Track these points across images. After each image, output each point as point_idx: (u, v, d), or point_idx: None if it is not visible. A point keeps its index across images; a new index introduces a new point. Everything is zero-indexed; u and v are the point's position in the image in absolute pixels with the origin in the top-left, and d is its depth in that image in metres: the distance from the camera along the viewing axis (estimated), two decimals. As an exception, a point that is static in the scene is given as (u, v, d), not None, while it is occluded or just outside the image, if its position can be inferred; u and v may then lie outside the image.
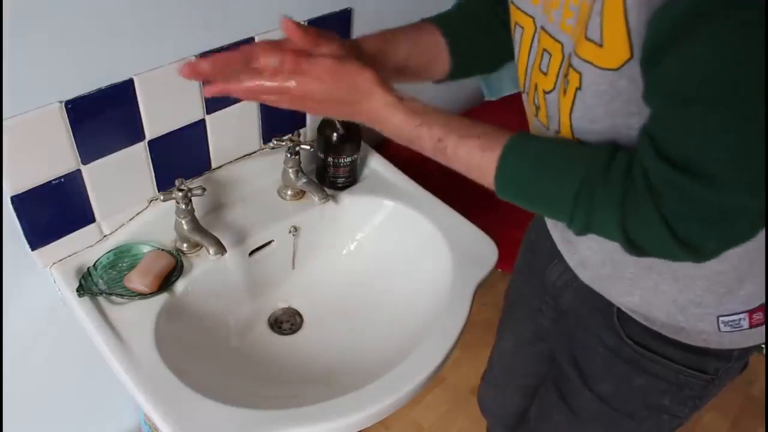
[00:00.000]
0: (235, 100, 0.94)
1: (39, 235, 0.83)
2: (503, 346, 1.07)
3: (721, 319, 0.66)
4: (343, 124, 1.01)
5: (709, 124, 0.46)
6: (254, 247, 0.98)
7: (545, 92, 0.62)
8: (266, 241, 0.99)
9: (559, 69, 0.59)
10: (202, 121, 0.91)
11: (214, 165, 0.99)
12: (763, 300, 0.65)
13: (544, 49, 0.60)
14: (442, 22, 0.74)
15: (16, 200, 0.77)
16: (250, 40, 0.90)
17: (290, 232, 1.01)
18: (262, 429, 0.72)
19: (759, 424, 1.68)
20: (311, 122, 1.08)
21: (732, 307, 0.66)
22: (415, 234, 1.01)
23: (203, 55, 0.85)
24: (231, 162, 1.01)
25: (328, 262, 1.05)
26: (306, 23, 0.96)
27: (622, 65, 0.50)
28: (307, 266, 1.05)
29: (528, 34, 0.64)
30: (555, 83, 0.60)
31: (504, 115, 1.44)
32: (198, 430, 0.71)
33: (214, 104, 0.91)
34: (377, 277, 1.03)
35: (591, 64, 0.52)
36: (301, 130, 1.07)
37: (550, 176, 0.55)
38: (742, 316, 0.66)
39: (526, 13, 0.63)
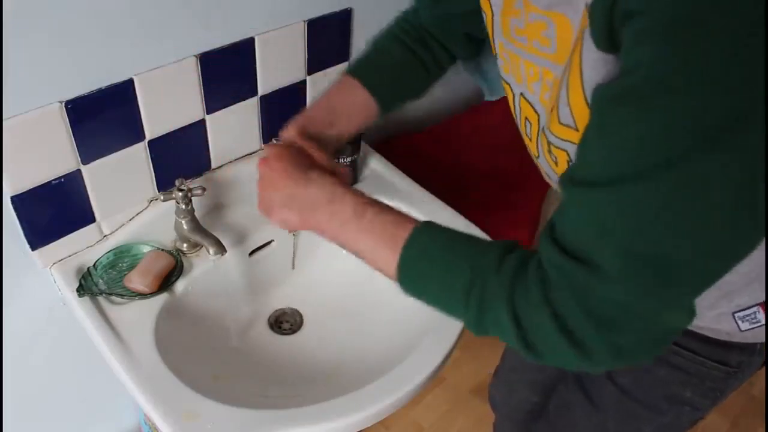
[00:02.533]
0: (235, 100, 0.94)
1: (39, 235, 0.83)
2: None
3: (736, 315, 0.67)
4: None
5: (601, 206, 0.43)
6: (254, 247, 0.98)
7: (535, 157, 0.64)
8: (266, 241, 0.99)
9: (538, 139, 0.61)
10: (202, 121, 0.91)
11: (214, 165, 0.99)
12: None
13: (526, 117, 0.62)
14: (358, 72, 0.79)
15: (16, 200, 0.77)
16: (250, 40, 0.90)
17: (290, 232, 1.01)
18: (262, 429, 0.72)
19: (759, 424, 1.68)
20: (311, 122, 1.08)
21: (742, 302, 0.66)
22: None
23: (203, 55, 0.85)
24: (231, 162, 1.01)
25: (328, 262, 1.05)
26: (306, 23, 0.96)
27: None
28: (307, 266, 1.05)
29: (510, 98, 0.66)
30: (537, 150, 0.62)
31: (504, 115, 1.44)
32: (198, 430, 0.71)
33: (214, 104, 0.91)
34: (377, 277, 1.03)
35: (572, 143, 0.52)
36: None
37: (448, 260, 0.53)
38: (755, 309, 0.66)
39: (503, 79, 0.65)
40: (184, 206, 0.88)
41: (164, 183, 0.92)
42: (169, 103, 0.85)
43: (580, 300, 0.44)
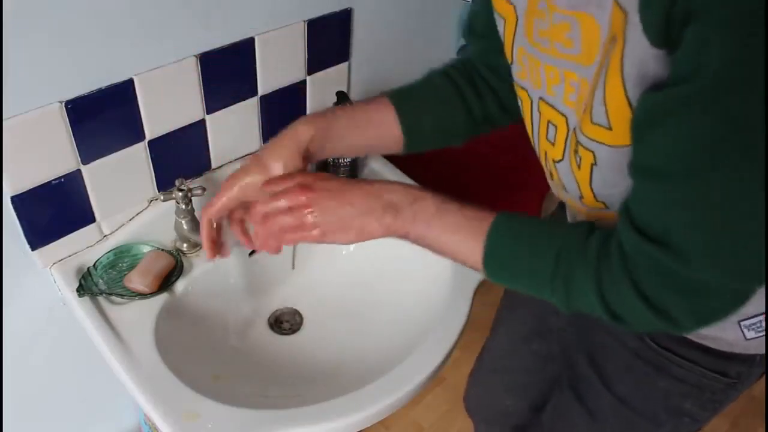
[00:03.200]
0: (235, 100, 0.94)
1: (39, 235, 0.83)
2: (494, 343, 1.07)
3: (742, 324, 0.66)
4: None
5: (683, 199, 0.46)
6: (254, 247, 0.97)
7: (554, 161, 0.64)
8: (266, 241, 0.99)
9: (566, 141, 0.61)
10: (202, 121, 0.92)
11: (214, 165, 0.99)
12: None
13: (549, 121, 0.62)
14: (394, 95, 0.74)
15: (16, 200, 0.77)
16: (250, 40, 0.90)
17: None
18: (262, 429, 0.72)
19: (759, 424, 1.68)
20: (311, 122, 1.08)
21: (748, 311, 0.66)
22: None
23: (203, 55, 0.85)
24: (231, 162, 1.01)
25: (328, 262, 1.05)
26: (306, 23, 0.96)
27: None
28: (307, 266, 1.05)
29: (526, 106, 0.66)
30: (563, 153, 0.62)
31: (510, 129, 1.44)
32: (198, 430, 0.71)
33: (214, 104, 0.91)
34: (377, 277, 1.03)
35: (603, 144, 0.53)
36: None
37: (532, 244, 0.57)
38: (761, 317, 0.66)
39: (520, 86, 0.66)
40: (184, 206, 0.88)
41: (164, 183, 0.92)
42: (169, 103, 0.85)
43: (666, 280, 0.49)
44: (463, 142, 0.78)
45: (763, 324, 0.66)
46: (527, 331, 0.98)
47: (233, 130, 0.97)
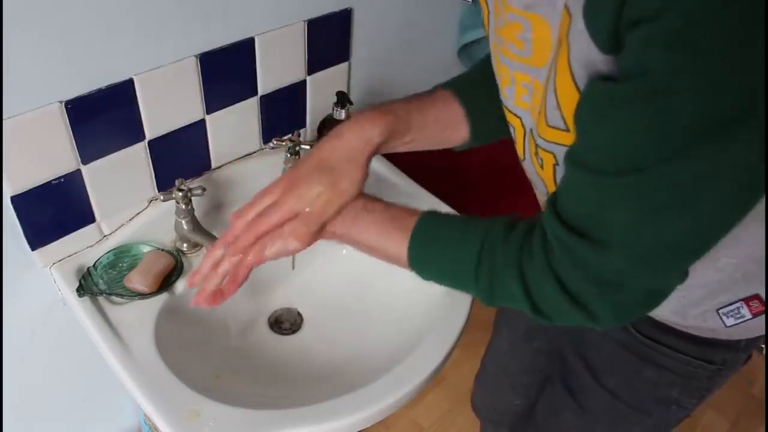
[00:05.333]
0: (235, 100, 0.94)
1: (39, 235, 0.83)
2: (498, 344, 1.07)
3: (721, 311, 0.67)
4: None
5: (613, 193, 0.46)
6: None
7: (520, 160, 0.65)
8: (266, 241, 0.99)
9: (524, 141, 0.61)
10: (202, 121, 0.91)
11: (214, 165, 0.99)
12: (756, 291, 0.66)
13: (508, 122, 0.62)
14: (458, 88, 0.71)
15: (16, 200, 0.77)
16: (250, 40, 0.90)
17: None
18: (262, 429, 0.72)
19: (759, 424, 1.68)
20: (311, 123, 1.08)
21: (725, 299, 0.66)
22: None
23: (203, 55, 0.85)
24: (231, 162, 1.01)
25: (328, 262, 1.05)
26: (306, 23, 0.96)
27: None
28: (307, 266, 1.04)
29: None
30: (524, 153, 0.62)
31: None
32: (198, 430, 0.71)
33: (214, 104, 0.91)
34: (377, 277, 1.03)
35: (562, 145, 0.53)
36: (301, 131, 1.07)
37: (456, 238, 0.57)
38: (739, 304, 0.66)
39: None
40: (184, 206, 0.88)
41: (164, 183, 0.92)
42: (169, 103, 0.85)
43: (582, 270, 0.49)
44: None
45: (741, 310, 0.67)
46: (528, 328, 0.98)
47: (233, 130, 0.97)
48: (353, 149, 0.62)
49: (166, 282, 0.87)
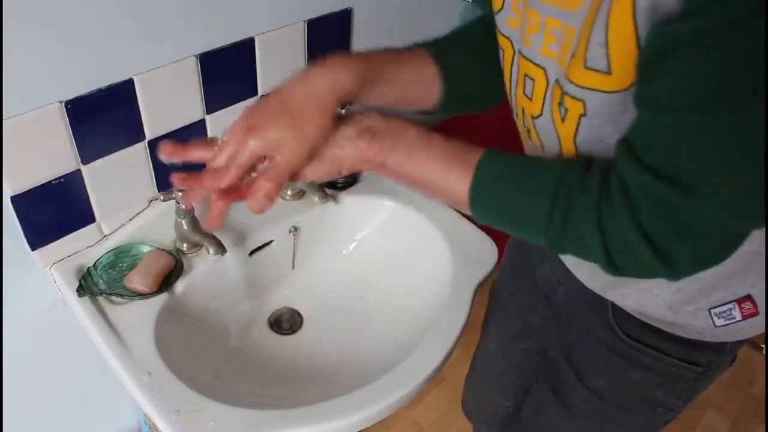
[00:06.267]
0: (235, 100, 0.94)
1: (39, 235, 0.83)
2: (487, 345, 1.07)
3: (713, 311, 0.67)
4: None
5: (695, 133, 0.45)
6: (254, 247, 0.98)
7: (533, 117, 0.61)
8: (266, 241, 0.99)
9: (545, 94, 0.58)
10: (202, 121, 0.91)
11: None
12: (749, 291, 0.65)
13: (526, 75, 0.59)
14: (436, 49, 0.68)
15: (16, 200, 0.77)
16: (250, 40, 0.90)
17: (290, 232, 1.01)
18: (262, 429, 0.72)
19: (759, 424, 1.68)
20: (311, 122, 1.08)
21: (719, 298, 0.66)
22: (415, 234, 1.01)
23: (203, 55, 0.85)
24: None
25: (328, 262, 1.05)
26: (306, 23, 0.96)
27: (632, 84, 0.49)
28: (307, 266, 1.05)
29: (508, 57, 0.62)
30: (542, 108, 0.59)
31: (504, 113, 1.44)
32: (198, 430, 0.71)
33: (214, 104, 0.91)
34: (377, 277, 1.03)
35: (597, 90, 0.51)
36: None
37: (526, 179, 0.53)
38: (731, 305, 0.66)
39: (504, 35, 0.62)
40: (184, 206, 0.88)
41: (164, 183, 0.92)
42: (169, 103, 0.85)
43: (668, 216, 0.47)
44: (489, 108, 0.73)
45: (733, 312, 0.66)
46: (516, 330, 0.98)
47: (233, 130, 0.97)
48: (320, 92, 0.57)
49: (166, 282, 0.87)
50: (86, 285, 0.84)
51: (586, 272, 0.74)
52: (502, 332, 1.02)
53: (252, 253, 0.97)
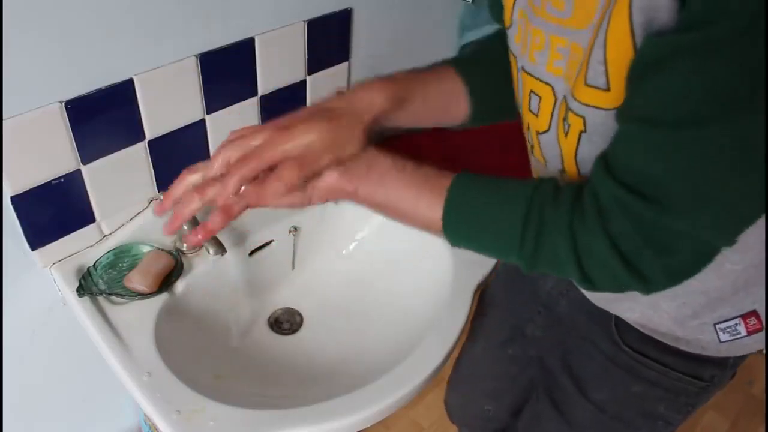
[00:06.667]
0: (235, 100, 0.94)
1: (39, 235, 0.83)
2: (472, 349, 1.06)
3: (718, 326, 0.66)
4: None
5: (676, 147, 0.45)
6: (254, 247, 0.98)
7: (538, 133, 0.61)
8: (266, 241, 0.99)
9: (552, 111, 0.58)
10: (202, 121, 0.91)
11: (214, 165, 0.99)
12: (755, 306, 0.65)
13: (531, 91, 0.59)
14: (460, 65, 0.69)
15: (16, 200, 0.77)
16: (250, 40, 0.90)
17: (290, 232, 1.01)
18: (262, 429, 0.72)
19: (759, 424, 1.68)
20: (311, 122, 1.08)
21: (725, 313, 0.66)
22: (415, 234, 1.01)
23: (203, 55, 0.85)
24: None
25: (328, 262, 1.05)
26: (306, 23, 0.96)
27: None
28: (307, 266, 1.05)
29: (514, 73, 0.63)
30: (549, 124, 0.59)
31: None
32: (198, 430, 0.71)
33: (214, 104, 0.91)
34: (377, 277, 1.03)
35: (596, 107, 0.51)
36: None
37: (497, 200, 0.54)
38: (737, 320, 0.66)
39: (511, 52, 0.62)
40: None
41: (164, 183, 0.92)
42: (169, 103, 0.85)
43: (641, 231, 0.47)
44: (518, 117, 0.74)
45: (738, 327, 0.66)
46: (504, 337, 0.97)
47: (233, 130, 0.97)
48: (357, 107, 0.59)
49: (166, 282, 0.87)
50: (86, 285, 0.84)
51: (591, 293, 0.74)
52: (489, 337, 1.01)
53: (252, 253, 0.97)
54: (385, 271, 1.03)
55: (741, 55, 0.40)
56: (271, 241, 0.99)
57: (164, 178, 0.92)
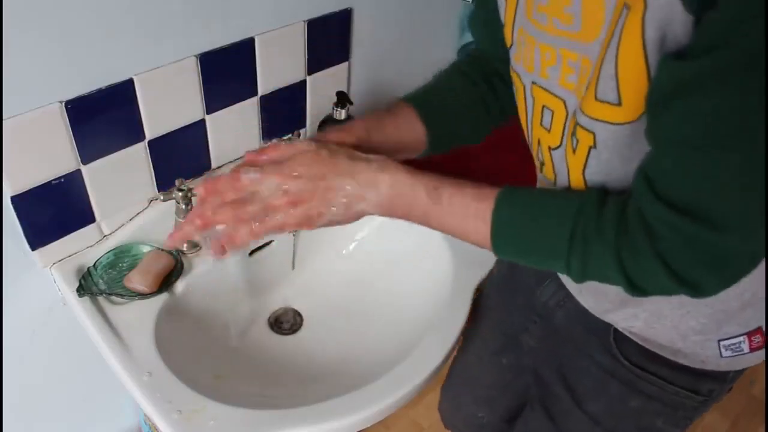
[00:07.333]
0: (235, 100, 0.94)
1: (39, 235, 0.83)
2: (466, 356, 1.05)
3: (722, 343, 0.66)
4: (344, 123, 1.01)
5: (717, 169, 0.45)
6: (254, 247, 0.98)
7: (551, 148, 0.62)
8: (266, 241, 0.99)
9: (564, 125, 0.58)
10: (202, 121, 0.91)
11: (214, 165, 0.99)
12: (760, 323, 0.65)
13: (544, 106, 0.60)
14: (418, 102, 0.72)
15: (16, 200, 0.77)
16: (250, 40, 0.90)
17: (290, 232, 1.01)
18: (262, 429, 0.72)
19: (759, 424, 1.68)
20: (311, 122, 1.08)
21: (731, 330, 0.65)
22: (415, 234, 1.01)
23: (203, 55, 0.85)
24: (231, 162, 1.01)
25: (328, 262, 1.05)
26: (306, 23, 0.96)
27: (642, 115, 0.49)
28: (307, 266, 1.05)
29: (519, 90, 0.64)
30: (561, 139, 0.59)
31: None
32: (198, 430, 0.71)
33: (214, 104, 0.91)
34: (377, 277, 1.03)
35: (606, 122, 0.51)
36: (301, 131, 1.07)
37: (543, 220, 0.55)
38: (741, 338, 0.66)
39: (514, 70, 0.63)
40: (184, 206, 0.88)
41: (164, 183, 0.92)
42: (169, 103, 0.85)
43: (697, 252, 0.48)
44: (481, 140, 0.77)
45: (742, 345, 0.66)
46: (498, 345, 0.97)
47: (233, 130, 0.97)
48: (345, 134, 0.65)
49: (166, 282, 0.87)
50: (86, 285, 0.84)
51: (591, 298, 0.73)
52: (483, 345, 1.00)
53: (252, 253, 0.97)
54: (385, 271, 1.03)
55: (763, 77, 0.40)
56: (271, 241, 0.99)
57: (164, 178, 0.92)
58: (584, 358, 0.77)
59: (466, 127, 0.75)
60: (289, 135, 0.98)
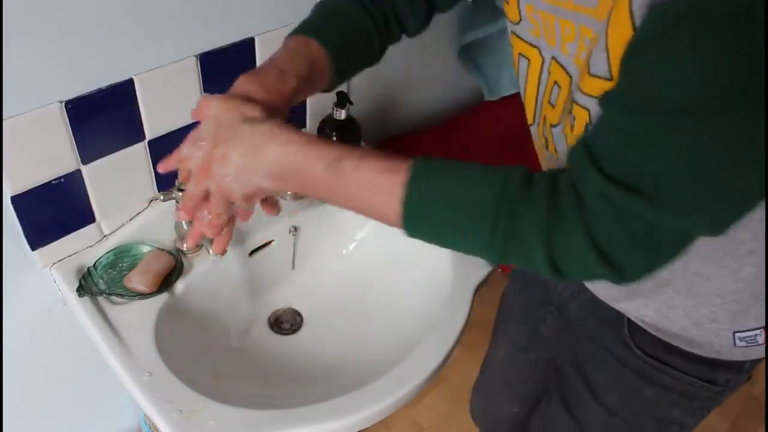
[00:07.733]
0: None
1: (39, 235, 0.83)
2: (495, 354, 1.07)
3: (737, 335, 0.66)
4: (344, 123, 1.01)
5: (673, 137, 0.41)
6: (254, 247, 0.98)
7: (552, 126, 0.60)
8: (266, 241, 0.99)
9: (565, 102, 0.57)
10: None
11: (214, 165, 0.99)
12: None
13: (555, 82, 0.57)
14: (316, 33, 0.67)
15: (16, 200, 0.77)
16: (250, 40, 0.90)
17: (290, 232, 1.01)
18: (262, 429, 0.72)
19: (759, 424, 1.68)
20: (311, 122, 1.08)
21: (746, 324, 0.65)
22: (415, 234, 1.01)
23: (203, 55, 0.85)
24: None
25: (328, 262, 1.05)
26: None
27: None
28: (307, 266, 1.05)
29: (535, 66, 0.60)
30: (560, 117, 0.58)
31: (504, 114, 1.44)
32: (198, 430, 0.71)
33: (214, 104, 0.91)
34: (377, 277, 1.03)
35: (599, 99, 0.48)
36: (301, 131, 1.07)
37: (462, 193, 0.49)
38: (757, 332, 0.65)
39: (531, 44, 0.60)
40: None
41: (164, 183, 0.92)
42: (169, 103, 0.85)
43: (628, 227, 0.44)
44: (376, 62, 0.74)
45: (758, 338, 0.66)
46: (525, 340, 0.98)
47: (233, 130, 0.97)
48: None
49: (166, 282, 0.87)
50: (86, 285, 0.84)
51: (603, 285, 0.73)
52: (510, 342, 1.02)
53: (252, 253, 0.97)
54: (385, 271, 1.03)
55: (744, 33, 0.37)
56: (271, 241, 0.99)
57: (164, 178, 0.91)
58: (599, 350, 0.77)
59: (363, 49, 0.71)
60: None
